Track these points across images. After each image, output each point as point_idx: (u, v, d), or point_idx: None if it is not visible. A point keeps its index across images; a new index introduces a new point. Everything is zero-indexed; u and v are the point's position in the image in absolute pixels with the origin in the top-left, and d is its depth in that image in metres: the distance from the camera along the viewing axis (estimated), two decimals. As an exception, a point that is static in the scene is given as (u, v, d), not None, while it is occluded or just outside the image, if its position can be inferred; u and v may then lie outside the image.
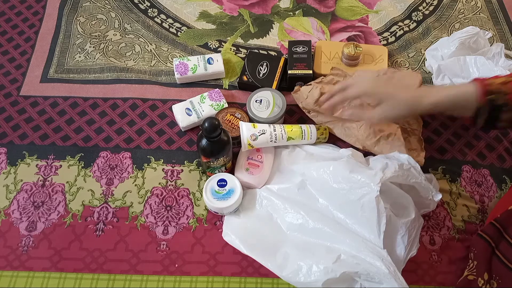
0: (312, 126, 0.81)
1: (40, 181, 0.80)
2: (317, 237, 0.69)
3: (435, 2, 1.09)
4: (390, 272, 0.61)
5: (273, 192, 0.76)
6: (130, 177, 0.81)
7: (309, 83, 0.85)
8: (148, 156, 0.83)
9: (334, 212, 0.71)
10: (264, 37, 1.02)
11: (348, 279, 0.65)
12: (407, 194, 0.71)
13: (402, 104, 0.67)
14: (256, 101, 0.83)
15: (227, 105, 0.86)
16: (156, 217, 0.77)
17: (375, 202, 0.65)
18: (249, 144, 0.76)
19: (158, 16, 1.04)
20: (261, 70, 0.91)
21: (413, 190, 0.71)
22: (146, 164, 0.82)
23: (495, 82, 0.63)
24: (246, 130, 0.76)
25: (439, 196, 0.71)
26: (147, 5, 1.06)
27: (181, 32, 1.02)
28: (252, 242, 0.71)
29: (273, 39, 1.02)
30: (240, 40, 1.01)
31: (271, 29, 1.03)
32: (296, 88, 0.83)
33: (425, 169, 0.81)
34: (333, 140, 0.84)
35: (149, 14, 1.05)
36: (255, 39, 1.01)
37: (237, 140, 0.80)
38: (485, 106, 0.63)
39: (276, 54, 0.99)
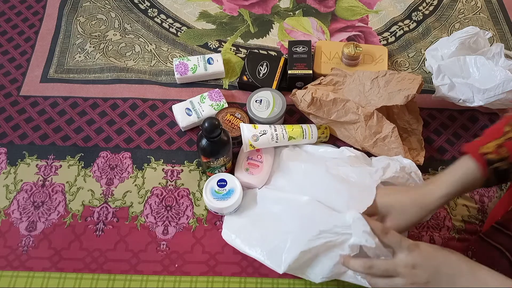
0: (313, 125, 0.81)
1: (40, 181, 0.80)
2: (315, 233, 0.68)
3: (435, 2, 1.09)
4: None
5: (273, 191, 0.76)
6: (130, 177, 0.81)
7: (305, 86, 0.85)
8: (148, 156, 0.83)
9: (328, 203, 0.69)
10: (264, 37, 1.02)
11: (326, 255, 0.63)
12: None
13: (409, 212, 0.62)
14: (256, 101, 0.83)
15: (227, 105, 0.86)
16: (156, 217, 0.77)
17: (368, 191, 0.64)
18: (251, 145, 0.76)
19: (158, 16, 1.04)
20: (261, 70, 0.91)
21: None
22: (146, 164, 0.82)
23: (490, 147, 0.60)
24: (247, 131, 0.76)
25: None
26: (147, 5, 1.06)
27: (181, 32, 1.02)
28: (252, 242, 0.71)
29: (273, 39, 1.02)
30: (240, 40, 1.01)
31: (271, 29, 1.03)
32: (293, 91, 0.83)
33: (425, 169, 0.81)
34: (334, 140, 0.84)
35: (149, 14, 1.04)
36: (255, 39, 1.01)
37: (237, 140, 0.80)
38: (492, 176, 0.60)
39: (276, 54, 0.99)
